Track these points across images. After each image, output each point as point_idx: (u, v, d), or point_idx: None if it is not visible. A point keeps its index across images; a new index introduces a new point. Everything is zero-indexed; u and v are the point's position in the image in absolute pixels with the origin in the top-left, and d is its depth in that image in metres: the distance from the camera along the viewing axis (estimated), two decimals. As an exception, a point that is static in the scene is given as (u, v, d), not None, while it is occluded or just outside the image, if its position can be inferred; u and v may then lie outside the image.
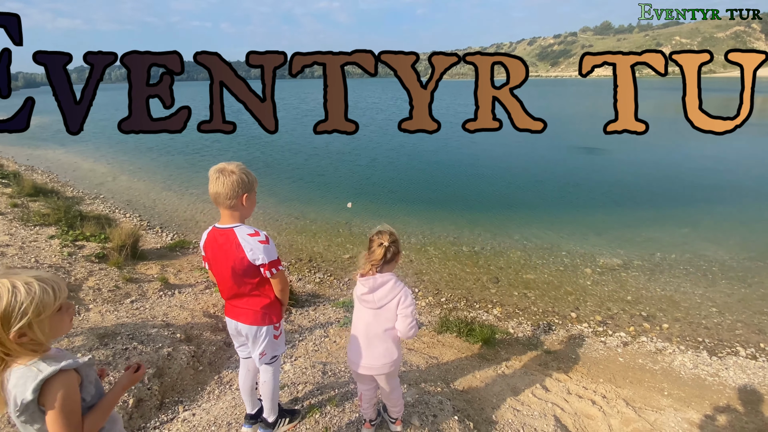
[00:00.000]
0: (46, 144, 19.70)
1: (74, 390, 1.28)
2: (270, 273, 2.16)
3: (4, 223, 6.99)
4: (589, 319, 5.58)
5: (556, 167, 13.83)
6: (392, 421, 2.58)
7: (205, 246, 2.24)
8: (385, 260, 2.16)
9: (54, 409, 1.23)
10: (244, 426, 2.56)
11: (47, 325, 1.26)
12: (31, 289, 1.21)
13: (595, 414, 3.71)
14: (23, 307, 1.20)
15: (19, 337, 1.21)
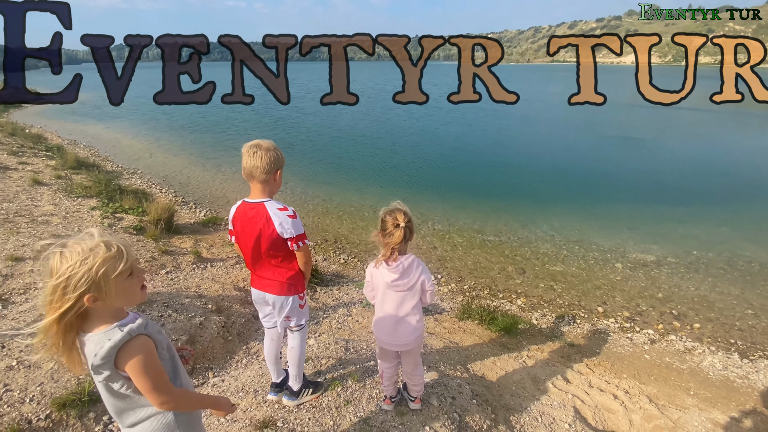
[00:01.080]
0: (87, 119, 20.55)
1: (151, 353, 1.31)
2: (296, 246, 2.26)
3: (49, 194, 7.40)
4: (617, 315, 5.46)
5: (589, 157, 13.40)
6: (412, 399, 2.64)
7: (234, 219, 2.33)
8: (405, 240, 2.20)
9: (136, 373, 1.27)
10: (270, 394, 2.67)
11: (119, 289, 1.28)
12: (99, 253, 1.23)
13: (616, 408, 3.67)
14: (94, 270, 1.21)
15: (93, 302, 1.23)
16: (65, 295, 1.20)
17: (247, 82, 2.93)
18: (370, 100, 31.76)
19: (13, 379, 2.67)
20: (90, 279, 1.21)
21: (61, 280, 1.20)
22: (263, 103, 28.32)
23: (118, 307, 1.32)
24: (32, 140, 13.10)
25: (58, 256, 1.22)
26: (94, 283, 1.22)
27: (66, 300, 1.21)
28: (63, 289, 1.20)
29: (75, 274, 1.20)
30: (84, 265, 1.20)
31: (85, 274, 1.20)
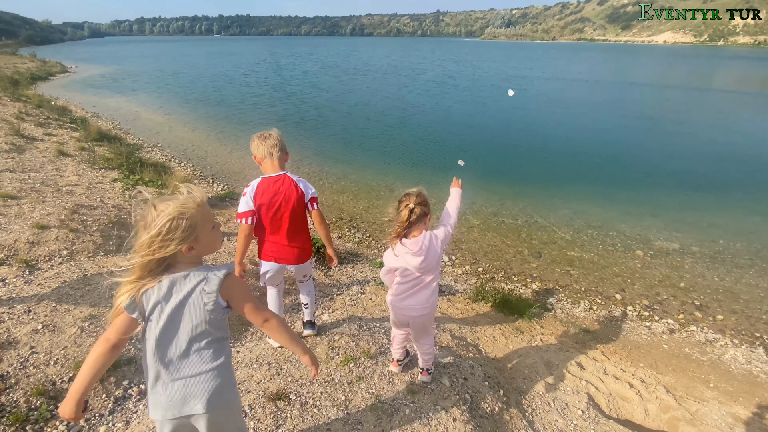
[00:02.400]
0: (106, 92, 20.82)
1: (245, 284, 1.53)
2: (314, 206, 2.60)
3: (73, 165, 7.56)
4: (635, 303, 5.34)
5: (612, 140, 12.90)
6: (421, 370, 2.69)
7: (258, 193, 2.52)
8: (410, 222, 2.23)
9: (243, 298, 1.49)
10: (306, 329, 3.16)
11: (207, 239, 1.46)
12: (191, 205, 1.39)
13: (631, 397, 3.62)
14: (191, 220, 1.37)
15: (188, 250, 1.39)
16: (163, 245, 1.33)
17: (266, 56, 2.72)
18: (386, 75, 31.26)
19: (39, 342, 2.77)
20: (188, 229, 1.36)
21: (162, 231, 1.33)
22: (278, 79, 28.29)
23: (204, 254, 1.50)
24: (58, 112, 13.36)
25: (154, 209, 1.36)
26: (191, 234, 1.38)
27: (164, 248, 1.34)
28: (162, 239, 1.33)
29: (176, 227, 1.34)
30: (181, 218, 1.35)
31: (185, 225, 1.35)
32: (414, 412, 2.38)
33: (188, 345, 1.45)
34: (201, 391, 1.46)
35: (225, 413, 1.54)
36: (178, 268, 1.42)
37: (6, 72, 22.88)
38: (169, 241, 1.34)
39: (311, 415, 2.31)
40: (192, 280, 1.41)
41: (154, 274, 1.39)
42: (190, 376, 1.46)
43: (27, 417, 2.30)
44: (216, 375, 1.49)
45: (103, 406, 2.57)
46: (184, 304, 1.41)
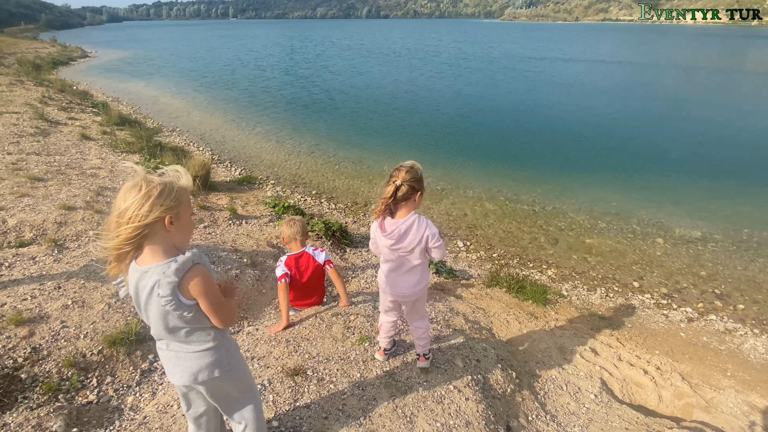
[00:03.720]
0: (124, 76, 21.10)
1: (209, 278, 1.44)
2: (329, 267, 3.27)
3: (96, 148, 7.75)
4: (653, 291, 5.28)
5: (634, 125, 12.51)
6: (418, 356, 2.66)
7: (288, 266, 3.19)
8: (396, 199, 2.11)
9: (200, 295, 1.41)
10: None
11: (187, 221, 1.45)
12: (180, 183, 1.42)
13: (645, 383, 3.61)
14: (179, 193, 1.39)
15: (169, 224, 1.37)
16: (152, 210, 1.32)
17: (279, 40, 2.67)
18: (399, 58, 30.82)
19: (69, 317, 2.91)
20: (176, 200, 1.37)
21: (153, 194, 1.32)
22: (290, 62, 28.20)
23: (177, 241, 1.44)
24: (79, 97, 13.64)
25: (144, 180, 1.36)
26: (177, 206, 1.38)
27: (152, 213, 1.32)
28: (152, 203, 1.32)
29: (167, 193, 1.35)
30: (172, 187, 1.38)
31: (174, 195, 1.37)
32: (427, 391, 2.44)
33: (169, 331, 1.47)
34: (187, 366, 1.53)
35: (217, 386, 1.61)
36: (147, 256, 1.38)
37: (28, 57, 23.37)
38: (157, 207, 1.32)
39: (328, 390, 2.38)
40: (151, 278, 1.37)
41: (127, 254, 1.37)
42: (179, 351, 1.53)
43: (59, 387, 2.44)
44: (202, 355, 1.52)
45: (130, 378, 2.70)
46: (149, 302, 1.40)
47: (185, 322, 1.44)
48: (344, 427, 2.13)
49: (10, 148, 6.76)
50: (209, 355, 1.53)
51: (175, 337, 1.49)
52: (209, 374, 1.54)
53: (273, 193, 7.58)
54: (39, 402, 2.29)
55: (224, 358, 1.58)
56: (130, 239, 1.33)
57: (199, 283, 1.39)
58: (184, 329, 1.46)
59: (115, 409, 2.42)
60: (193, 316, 1.43)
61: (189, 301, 1.40)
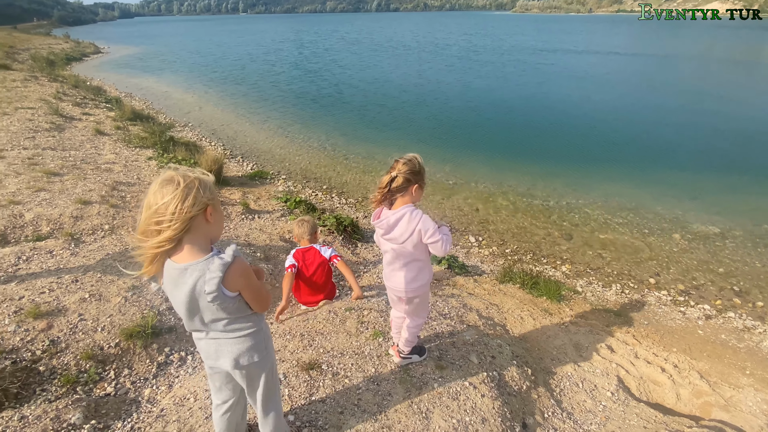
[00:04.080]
0: (140, 73, 21.27)
1: (250, 270, 1.48)
2: (335, 261, 3.42)
3: (110, 143, 7.83)
4: (670, 287, 5.19)
5: (650, 118, 12.26)
6: (399, 350, 2.56)
7: (296, 258, 3.41)
8: (390, 190, 2.08)
9: (247, 287, 1.45)
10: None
11: (219, 215, 1.47)
12: (205, 174, 1.43)
13: (663, 381, 3.55)
14: (209, 184, 1.41)
15: (209, 216, 1.39)
16: (195, 202, 1.33)
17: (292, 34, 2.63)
18: (408, 51, 30.57)
19: (87, 310, 2.94)
20: (212, 191, 1.40)
21: (193, 186, 1.34)
22: (299, 57, 28.16)
23: (213, 233, 1.46)
24: (93, 92, 13.79)
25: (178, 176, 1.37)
26: (213, 198, 1.40)
27: (195, 206, 1.33)
28: (194, 195, 1.33)
29: (205, 185, 1.37)
30: (206, 180, 1.40)
31: (210, 187, 1.40)
32: (442, 387, 2.42)
33: (210, 323, 1.50)
34: (229, 351, 1.56)
35: (255, 371, 1.65)
36: (184, 248, 1.38)
37: (42, 53, 23.69)
38: (199, 199, 1.34)
39: (342, 384, 2.38)
40: (192, 275, 1.37)
41: (166, 252, 1.37)
42: (220, 336, 1.55)
43: (77, 379, 2.47)
44: (244, 339, 1.56)
45: (147, 371, 2.72)
46: (190, 298, 1.41)
47: (228, 314, 1.47)
48: (360, 421, 2.12)
49: (26, 143, 6.86)
50: (249, 340, 1.57)
51: (215, 327, 1.52)
52: (249, 359, 1.58)
53: (284, 188, 7.59)
54: (57, 394, 2.33)
55: (262, 342, 1.63)
56: (176, 235, 1.33)
57: (242, 275, 1.42)
58: (225, 320, 1.49)
59: (132, 402, 2.45)
60: (236, 307, 1.47)
61: (232, 293, 1.43)
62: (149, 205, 1.33)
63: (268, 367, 1.69)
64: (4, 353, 2.42)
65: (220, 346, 1.56)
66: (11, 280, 3.11)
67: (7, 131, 7.35)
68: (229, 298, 1.43)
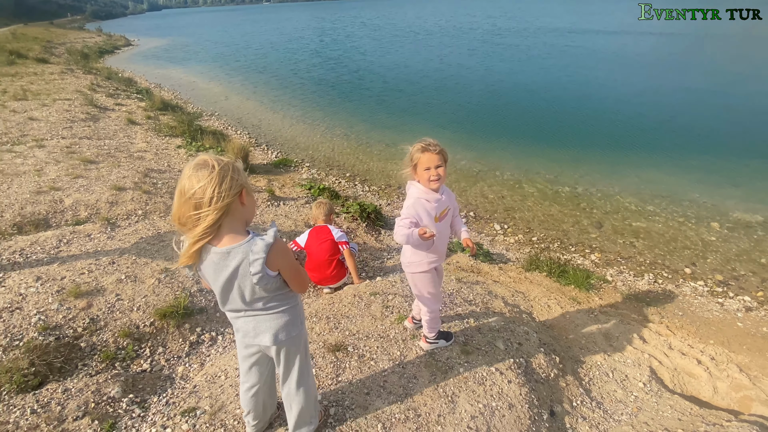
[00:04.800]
0: (169, 64, 21.74)
1: (289, 250, 1.54)
2: (343, 247, 3.77)
3: (142, 132, 8.07)
4: (707, 278, 4.97)
5: (687, 100, 11.62)
6: (425, 334, 2.57)
7: (310, 235, 3.85)
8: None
9: (287, 266, 1.50)
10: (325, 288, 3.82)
11: (252, 198, 1.50)
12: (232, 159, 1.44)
13: (699, 374, 3.42)
14: (240, 168, 1.43)
15: (243, 200, 1.42)
16: (232, 185, 1.35)
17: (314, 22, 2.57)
18: (429, 36, 29.98)
19: (123, 291, 3.06)
20: (244, 175, 1.43)
21: (228, 171, 1.35)
22: (320, 44, 28.10)
23: (248, 216, 1.49)
24: (125, 83, 14.21)
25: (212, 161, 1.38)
26: (246, 181, 1.43)
27: (232, 190, 1.35)
28: (231, 177, 1.35)
29: (238, 169, 1.39)
30: (238, 165, 1.42)
31: (241, 170, 1.42)
32: (468, 372, 2.40)
33: (251, 303, 1.54)
34: (268, 327, 1.61)
35: (290, 347, 1.69)
36: (223, 233, 1.40)
37: (77, 46, 24.55)
38: (234, 182, 1.35)
39: (368, 366, 2.40)
40: (235, 257, 1.41)
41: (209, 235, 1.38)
42: (259, 314, 1.59)
43: (115, 355, 2.58)
44: (281, 315, 1.61)
45: (180, 349, 2.82)
46: (233, 281, 1.45)
47: (268, 292, 1.51)
48: (386, 403, 2.13)
49: (64, 132, 7.15)
50: (286, 315, 1.62)
51: (256, 306, 1.56)
52: (288, 334, 1.63)
53: (308, 176, 7.65)
54: (97, 369, 2.44)
55: (298, 318, 1.68)
56: (216, 221, 1.35)
57: (283, 255, 1.47)
58: (264, 299, 1.54)
59: (167, 378, 2.55)
60: (276, 286, 1.51)
61: (273, 272, 1.47)
62: (184, 190, 1.33)
63: (302, 343, 1.74)
64: (48, 329, 2.56)
65: (258, 323, 1.60)
66: (53, 261, 3.27)
67: (46, 121, 7.68)
68: (272, 277, 1.47)
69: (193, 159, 1.39)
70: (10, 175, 4.92)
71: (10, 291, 2.82)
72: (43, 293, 2.85)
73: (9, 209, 4.11)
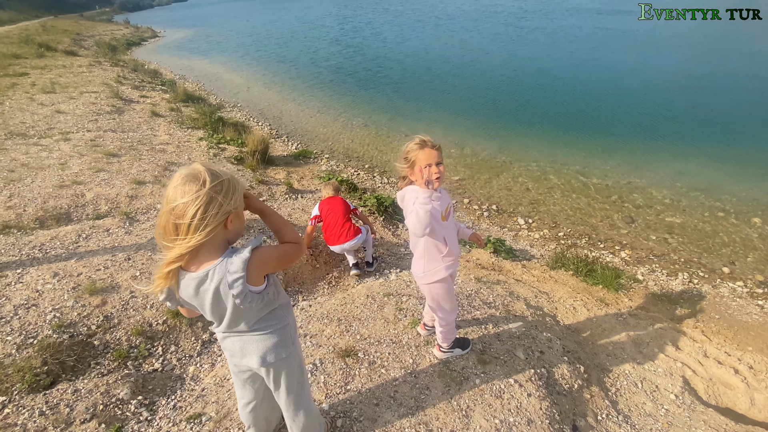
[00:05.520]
0: (193, 55, 21.99)
1: (266, 251, 1.35)
2: (356, 213, 4.18)
3: (165, 125, 8.15)
4: (746, 278, 4.64)
5: (727, 86, 10.85)
6: (438, 344, 2.44)
7: (322, 206, 4.08)
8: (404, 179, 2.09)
9: (273, 264, 1.37)
10: (353, 270, 4.04)
11: (242, 219, 1.36)
12: (233, 175, 1.29)
13: (736, 384, 3.18)
14: (238, 187, 1.28)
15: (230, 222, 1.27)
16: (218, 212, 1.21)
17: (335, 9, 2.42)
18: (451, 20, 29.11)
19: (137, 288, 3.06)
20: (237, 192, 1.28)
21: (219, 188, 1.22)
22: (341, 32, 27.77)
23: (231, 236, 1.34)
24: (150, 75, 14.44)
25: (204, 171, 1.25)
26: (239, 200, 1.29)
27: (216, 217, 1.21)
28: (218, 206, 1.21)
29: (229, 186, 1.25)
30: (236, 181, 1.29)
31: (233, 184, 1.27)
32: (485, 383, 2.27)
33: (238, 323, 1.42)
34: (255, 348, 1.49)
35: (280, 369, 1.56)
36: (200, 255, 1.28)
37: (105, 38, 25.12)
38: (224, 206, 1.22)
39: (379, 375, 2.30)
40: (213, 278, 1.28)
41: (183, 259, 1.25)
42: (245, 334, 1.47)
43: (128, 354, 2.58)
44: (269, 336, 1.48)
45: (192, 348, 2.81)
46: (216, 302, 1.32)
47: (255, 311, 1.40)
48: (395, 416, 2.04)
49: (89, 125, 7.29)
50: (275, 336, 1.50)
51: (240, 328, 1.45)
52: (276, 356, 1.51)
53: (327, 168, 7.58)
54: (109, 368, 2.44)
55: (288, 338, 1.55)
56: (193, 247, 1.22)
57: (264, 264, 1.33)
58: (251, 318, 1.43)
59: (177, 378, 2.53)
60: (264, 303, 1.39)
61: (258, 287, 1.35)
62: (168, 200, 1.21)
63: (296, 364, 1.61)
64: (63, 327, 2.58)
65: (245, 344, 1.49)
66: (71, 257, 3.31)
67: (73, 114, 7.85)
68: (258, 293, 1.35)
69: (185, 167, 1.25)
70: (34, 168, 5.04)
71: (28, 287, 2.86)
72: (59, 290, 2.87)
73: (32, 203, 4.19)
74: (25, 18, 39.55)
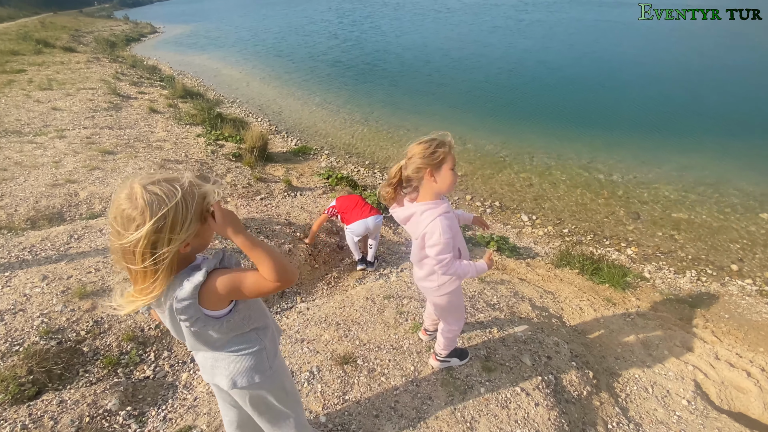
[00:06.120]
0: (192, 51, 21.79)
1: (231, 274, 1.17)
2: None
3: (162, 121, 8.03)
4: (756, 275, 4.53)
5: (733, 80, 10.65)
6: (436, 353, 2.32)
7: (339, 199, 4.07)
8: (400, 182, 1.78)
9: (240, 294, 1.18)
10: (359, 265, 4.03)
11: (208, 231, 1.18)
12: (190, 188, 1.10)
13: (748, 388, 3.08)
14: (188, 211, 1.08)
15: (184, 248, 1.12)
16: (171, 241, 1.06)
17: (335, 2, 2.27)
18: (451, 13, 28.81)
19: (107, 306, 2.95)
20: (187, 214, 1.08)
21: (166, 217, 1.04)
22: (340, 25, 27.51)
23: (189, 256, 1.20)
24: (149, 71, 14.29)
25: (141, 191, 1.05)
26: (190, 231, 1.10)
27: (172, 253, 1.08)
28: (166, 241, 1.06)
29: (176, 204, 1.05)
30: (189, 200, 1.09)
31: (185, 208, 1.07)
32: (490, 392, 2.17)
33: (206, 345, 1.30)
34: (225, 370, 1.35)
35: (254, 394, 1.43)
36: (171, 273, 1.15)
37: (104, 35, 24.95)
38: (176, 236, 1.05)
39: (379, 383, 2.20)
40: (167, 301, 1.16)
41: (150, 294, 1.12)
42: (217, 353, 1.35)
43: (118, 360, 2.48)
44: (242, 358, 1.35)
45: (185, 353, 2.71)
46: (173, 322, 1.20)
47: (222, 334, 1.26)
48: (396, 428, 1.94)
49: (86, 122, 7.18)
50: (249, 359, 1.35)
51: (212, 348, 1.32)
52: (249, 380, 1.36)
53: (327, 164, 7.46)
54: (98, 376, 2.35)
55: (265, 362, 1.38)
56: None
57: (221, 287, 1.14)
58: (217, 342, 1.29)
59: (169, 386, 2.43)
60: (228, 326, 1.24)
61: (220, 311, 1.20)
62: (116, 213, 1.06)
63: (275, 388, 1.45)
64: (51, 333, 2.48)
65: (216, 362, 1.35)
66: (62, 259, 3.21)
67: (69, 111, 7.74)
68: (216, 318, 1.20)
69: (121, 187, 1.07)
70: (28, 167, 4.93)
71: (15, 291, 2.76)
72: (48, 294, 2.78)
73: (24, 203, 4.09)
74: (24, 14, 39.29)
